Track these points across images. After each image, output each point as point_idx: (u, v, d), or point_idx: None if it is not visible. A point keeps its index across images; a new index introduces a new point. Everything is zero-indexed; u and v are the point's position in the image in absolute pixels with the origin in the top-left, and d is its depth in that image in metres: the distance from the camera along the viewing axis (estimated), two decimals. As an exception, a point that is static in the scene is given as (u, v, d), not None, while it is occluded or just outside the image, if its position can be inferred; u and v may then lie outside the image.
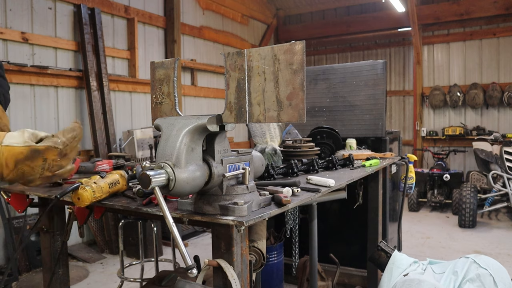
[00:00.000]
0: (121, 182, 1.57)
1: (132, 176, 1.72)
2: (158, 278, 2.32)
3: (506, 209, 6.25)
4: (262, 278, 2.57)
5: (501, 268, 2.05)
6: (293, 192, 1.56)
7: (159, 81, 1.48)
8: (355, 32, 8.54)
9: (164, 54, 6.28)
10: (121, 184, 1.57)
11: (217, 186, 1.30)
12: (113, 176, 1.55)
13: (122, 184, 1.58)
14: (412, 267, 2.22)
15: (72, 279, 3.02)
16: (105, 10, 5.23)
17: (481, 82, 7.52)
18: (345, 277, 3.46)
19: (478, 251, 4.58)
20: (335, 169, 2.40)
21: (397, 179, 3.72)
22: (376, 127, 3.39)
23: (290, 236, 2.85)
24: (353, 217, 3.46)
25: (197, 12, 6.98)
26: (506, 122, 7.46)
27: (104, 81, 4.97)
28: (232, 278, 1.22)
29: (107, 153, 4.80)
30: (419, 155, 7.91)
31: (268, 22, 8.95)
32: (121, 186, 1.58)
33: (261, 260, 1.65)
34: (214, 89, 7.30)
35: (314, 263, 2.53)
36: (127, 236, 4.42)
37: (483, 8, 7.25)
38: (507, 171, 5.57)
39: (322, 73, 3.62)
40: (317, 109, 3.62)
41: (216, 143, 1.29)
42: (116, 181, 1.54)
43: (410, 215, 6.34)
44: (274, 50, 1.20)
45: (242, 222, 1.18)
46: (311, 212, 2.42)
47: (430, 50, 8.03)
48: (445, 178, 6.45)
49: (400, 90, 8.43)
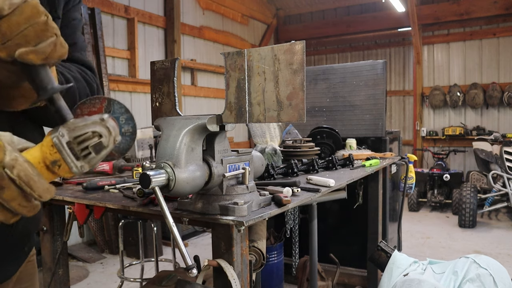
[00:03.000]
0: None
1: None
2: (158, 278, 2.32)
3: (506, 209, 6.25)
4: (262, 278, 2.57)
5: (501, 268, 2.05)
6: (293, 192, 1.56)
7: (159, 81, 1.48)
8: (355, 32, 8.55)
9: (164, 54, 6.28)
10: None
11: (217, 186, 1.30)
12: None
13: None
14: (412, 267, 2.22)
15: (72, 279, 3.02)
16: (105, 10, 5.22)
17: (481, 82, 7.52)
18: (345, 277, 3.46)
19: (478, 251, 4.58)
20: (335, 169, 2.40)
21: (397, 179, 3.72)
22: (376, 127, 3.39)
23: (290, 236, 2.85)
24: (353, 217, 3.46)
25: (197, 12, 6.98)
26: (506, 122, 7.46)
27: (104, 81, 4.97)
28: (232, 278, 1.22)
29: (107, 153, 4.79)
30: (419, 155, 7.91)
31: (268, 22, 8.95)
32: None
33: (261, 260, 1.65)
34: (214, 89, 7.30)
35: (314, 263, 2.53)
36: (127, 236, 4.42)
37: (483, 8, 7.25)
38: (507, 171, 5.57)
39: (322, 73, 3.62)
40: (317, 109, 3.62)
41: (216, 143, 1.29)
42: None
43: (410, 215, 6.34)
44: (274, 50, 1.20)
45: (242, 222, 1.18)
46: (311, 212, 2.42)
47: (430, 50, 8.03)
48: (445, 178, 6.45)
49: (400, 90, 8.43)
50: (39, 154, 0.69)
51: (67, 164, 0.70)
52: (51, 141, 0.69)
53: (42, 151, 0.69)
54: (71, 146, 0.70)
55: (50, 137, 0.70)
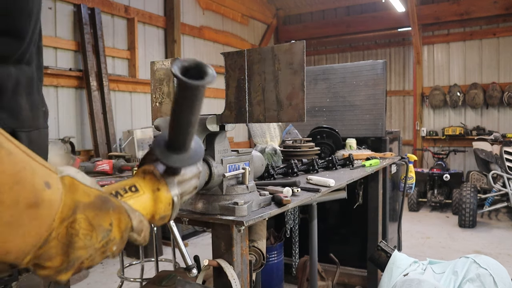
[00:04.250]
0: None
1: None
2: (158, 278, 2.32)
3: (506, 209, 6.25)
4: (262, 278, 2.56)
5: (501, 268, 2.05)
6: (293, 192, 1.56)
7: (159, 81, 1.48)
8: (355, 32, 8.54)
9: (164, 54, 6.28)
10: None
11: (217, 186, 1.30)
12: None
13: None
14: (412, 267, 2.22)
15: (72, 279, 3.02)
16: (105, 10, 5.22)
17: (481, 82, 7.52)
18: (345, 277, 3.46)
19: (478, 251, 4.58)
20: (335, 169, 2.40)
21: (397, 179, 3.72)
22: (376, 127, 3.39)
23: (290, 236, 2.85)
24: (353, 217, 3.46)
25: (197, 12, 6.98)
26: (506, 122, 7.46)
27: (104, 81, 4.97)
28: (232, 278, 1.22)
29: (107, 153, 4.80)
30: (419, 155, 7.91)
31: (268, 22, 8.95)
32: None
33: (261, 260, 1.65)
34: (214, 89, 7.30)
35: (314, 263, 2.53)
36: (127, 236, 4.41)
37: (483, 8, 7.25)
38: (507, 171, 5.57)
39: (322, 73, 3.62)
40: (317, 109, 3.62)
41: (216, 143, 1.29)
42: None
43: (410, 215, 6.34)
44: (274, 50, 1.20)
45: (242, 222, 1.18)
46: (311, 212, 2.42)
47: (430, 50, 8.03)
48: (445, 178, 6.45)
49: (400, 90, 8.43)
50: (152, 208, 0.64)
51: (170, 218, 0.67)
52: (171, 199, 0.65)
53: (157, 207, 0.64)
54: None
55: (171, 194, 0.65)
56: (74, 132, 4.86)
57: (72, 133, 4.79)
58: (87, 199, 0.54)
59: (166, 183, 0.65)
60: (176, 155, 0.64)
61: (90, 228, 0.53)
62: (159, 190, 0.65)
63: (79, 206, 0.52)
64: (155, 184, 0.65)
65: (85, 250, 0.52)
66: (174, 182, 0.66)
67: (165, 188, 0.65)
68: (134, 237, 0.59)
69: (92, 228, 0.53)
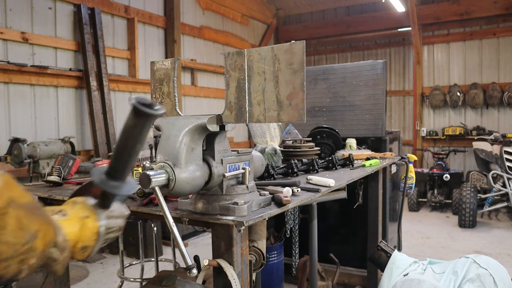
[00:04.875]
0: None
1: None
2: (158, 278, 2.32)
3: (506, 209, 6.25)
4: (262, 278, 2.56)
5: (501, 268, 2.05)
6: (293, 192, 1.56)
7: (159, 81, 1.48)
8: (355, 32, 8.54)
9: (164, 54, 6.28)
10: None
11: (217, 186, 1.30)
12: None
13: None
14: (412, 267, 2.22)
15: (72, 279, 3.02)
16: (105, 10, 5.22)
17: (481, 82, 7.52)
18: (345, 277, 3.46)
19: (478, 251, 4.58)
20: (335, 169, 2.40)
21: (397, 179, 3.72)
22: (376, 127, 3.39)
23: (290, 236, 2.85)
24: (353, 217, 3.46)
25: (197, 12, 6.98)
26: (506, 122, 7.45)
27: (104, 81, 4.97)
28: (232, 278, 1.22)
29: (107, 153, 4.80)
30: (419, 155, 7.91)
31: (268, 22, 8.95)
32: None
33: (261, 260, 1.65)
34: (214, 89, 7.30)
35: (314, 263, 2.53)
36: (127, 236, 4.42)
37: (483, 8, 7.25)
38: (507, 171, 5.57)
39: (322, 73, 3.62)
40: (317, 109, 3.62)
41: (216, 143, 1.29)
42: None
43: (410, 215, 6.34)
44: (274, 50, 1.20)
45: (242, 222, 1.18)
46: (311, 212, 2.42)
47: (430, 50, 8.03)
48: (445, 178, 6.45)
49: (400, 90, 8.43)
50: (76, 234, 0.64)
51: (92, 251, 0.67)
52: (97, 229, 0.66)
53: (82, 234, 0.64)
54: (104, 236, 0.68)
55: (98, 224, 0.66)
56: (74, 132, 4.86)
57: (72, 133, 4.79)
58: (22, 200, 0.55)
59: (96, 212, 0.67)
60: (114, 182, 0.67)
61: (19, 226, 0.53)
62: (87, 218, 0.65)
63: (14, 203, 0.53)
64: (84, 212, 0.66)
65: (7, 247, 0.51)
66: (103, 215, 0.68)
67: (94, 217, 0.66)
68: (55, 254, 0.57)
69: (21, 226, 0.53)
